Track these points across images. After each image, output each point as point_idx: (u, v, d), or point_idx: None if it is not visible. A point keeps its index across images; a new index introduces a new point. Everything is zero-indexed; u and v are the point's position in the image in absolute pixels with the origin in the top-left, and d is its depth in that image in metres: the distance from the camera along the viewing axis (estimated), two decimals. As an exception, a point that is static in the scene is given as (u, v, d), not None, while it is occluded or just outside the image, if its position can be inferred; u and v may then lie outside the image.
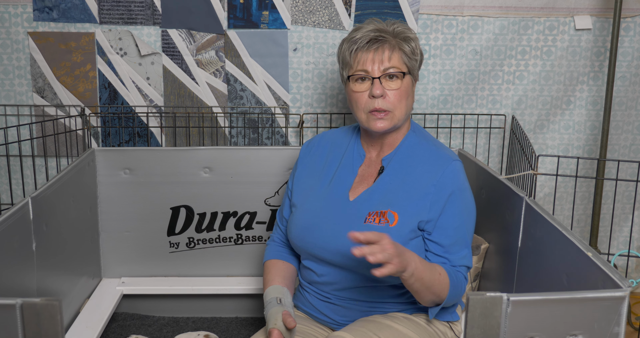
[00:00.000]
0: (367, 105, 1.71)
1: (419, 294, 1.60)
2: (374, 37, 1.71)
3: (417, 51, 1.76)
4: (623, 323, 1.08)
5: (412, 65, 1.74)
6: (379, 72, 1.70)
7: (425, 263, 1.58)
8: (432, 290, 1.60)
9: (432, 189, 1.68)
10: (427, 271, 1.57)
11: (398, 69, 1.70)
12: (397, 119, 1.72)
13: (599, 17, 2.56)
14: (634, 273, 2.80)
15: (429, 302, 1.64)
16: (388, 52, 1.71)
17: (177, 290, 2.37)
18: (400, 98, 1.71)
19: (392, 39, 1.72)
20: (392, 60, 1.70)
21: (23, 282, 1.71)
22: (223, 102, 2.60)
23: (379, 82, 1.69)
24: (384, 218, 1.67)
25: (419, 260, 1.55)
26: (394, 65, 1.70)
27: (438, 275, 1.60)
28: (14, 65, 2.55)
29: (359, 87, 1.72)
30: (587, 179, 2.67)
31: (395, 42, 1.72)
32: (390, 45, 1.72)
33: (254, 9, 2.52)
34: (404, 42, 1.73)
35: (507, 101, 2.63)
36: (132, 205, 2.34)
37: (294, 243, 1.80)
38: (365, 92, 1.71)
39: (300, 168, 1.90)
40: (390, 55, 1.71)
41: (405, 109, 1.73)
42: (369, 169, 1.79)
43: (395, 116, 1.72)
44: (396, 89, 1.70)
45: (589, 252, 1.33)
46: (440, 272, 1.62)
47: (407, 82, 1.73)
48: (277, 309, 1.67)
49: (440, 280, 1.60)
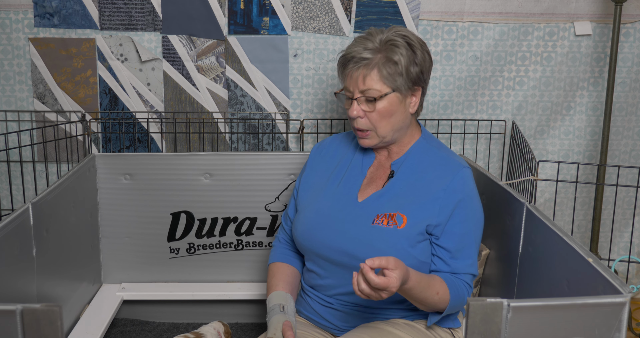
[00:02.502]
0: (351, 122, 1.75)
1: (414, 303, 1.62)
2: (358, 57, 1.68)
3: (403, 69, 1.67)
4: (624, 329, 1.08)
5: (396, 83, 1.68)
6: (358, 93, 1.69)
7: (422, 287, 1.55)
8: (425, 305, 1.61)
9: (441, 194, 1.68)
10: (419, 294, 1.55)
11: (377, 91, 1.67)
12: (382, 136, 1.73)
13: (599, 23, 2.56)
14: (635, 278, 2.80)
15: (423, 309, 1.65)
16: (364, 74, 1.67)
17: (177, 295, 2.36)
18: (380, 118, 1.70)
19: (376, 57, 1.67)
20: (367, 82, 1.67)
21: (23, 288, 1.71)
22: (223, 108, 2.60)
23: (356, 103, 1.69)
24: (392, 220, 1.67)
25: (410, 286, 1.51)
26: (371, 87, 1.67)
27: (435, 294, 1.59)
28: (14, 71, 2.56)
29: (347, 103, 1.74)
30: (587, 184, 2.67)
31: (377, 61, 1.67)
32: (369, 67, 1.67)
33: (254, 15, 2.52)
34: (387, 63, 1.67)
35: (508, 106, 2.63)
36: (132, 211, 2.34)
37: (299, 241, 1.81)
38: (348, 110, 1.73)
39: (309, 168, 1.91)
40: (366, 77, 1.67)
41: (389, 127, 1.71)
42: (378, 171, 1.80)
43: (379, 134, 1.72)
44: (372, 111, 1.69)
45: (589, 258, 1.33)
46: (439, 291, 1.60)
47: (390, 101, 1.68)
48: (279, 317, 1.67)
49: (436, 299, 1.60)
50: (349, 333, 1.67)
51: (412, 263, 1.63)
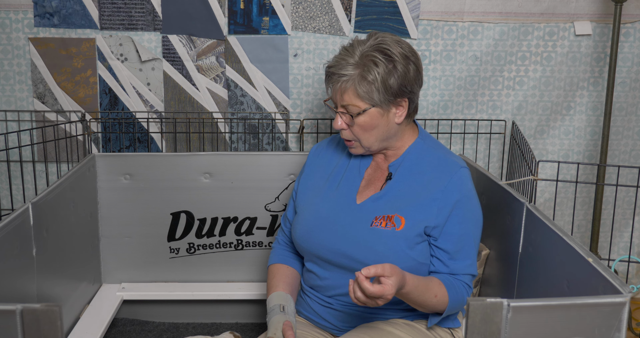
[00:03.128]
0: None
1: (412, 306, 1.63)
2: (336, 73, 1.66)
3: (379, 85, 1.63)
4: (623, 329, 1.08)
5: (374, 99, 1.64)
6: (340, 106, 1.69)
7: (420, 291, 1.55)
8: (424, 308, 1.62)
9: (439, 195, 1.68)
10: (417, 298, 1.55)
11: (354, 106, 1.66)
12: (367, 146, 1.73)
13: (599, 23, 2.56)
14: (635, 278, 2.80)
15: (422, 311, 1.65)
16: (342, 90, 1.66)
17: (177, 295, 2.36)
18: (363, 131, 1.69)
19: (354, 74, 1.64)
20: (345, 98, 1.66)
21: (23, 288, 1.71)
22: (223, 107, 2.60)
23: (339, 116, 1.70)
24: (390, 222, 1.67)
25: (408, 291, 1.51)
26: (349, 103, 1.66)
27: (433, 297, 1.59)
28: (14, 71, 2.56)
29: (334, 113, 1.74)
30: (587, 184, 2.67)
31: (354, 78, 1.64)
32: (345, 84, 1.65)
33: (254, 15, 2.52)
34: (361, 81, 1.64)
35: (507, 106, 2.63)
36: (132, 211, 2.34)
37: (297, 243, 1.81)
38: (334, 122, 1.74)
39: (307, 170, 1.91)
40: (344, 93, 1.66)
41: (373, 138, 1.71)
42: (376, 173, 1.79)
43: (363, 145, 1.72)
44: (353, 125, 1.69)
45: (589, 258, 1.33)
46: (437, 294, 1.60)
47: (370, 115, 1.66)
48: (279, 318, 1.67)
49: (434, 302, 1.60)
50: (348, 334, 1.67)
51: (411, 265, 1.63)
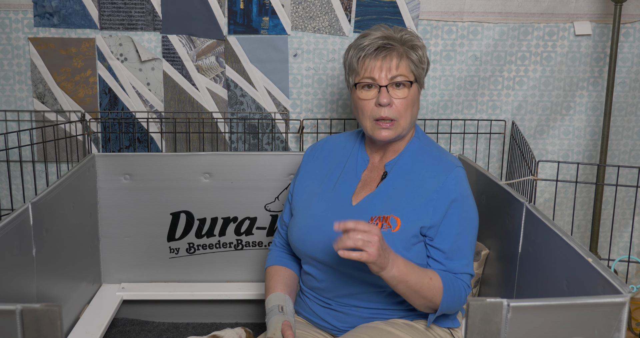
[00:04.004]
0: (373, 113, 1.70)
1: (408, 298, 1.61)
2: (382, 44, 1.70)
3: (424, 59, 1.75)
4: (623, 329, 1.08)
5: (419, 73, 1.73)
6: (387, 80, 1.68)
7: (412, 267, 1.58)
8: (421, 294, 1.59)
9: (434, 195, 1.67)
10: (414, 274, 1.56)
11: (406, 77, 1.69)
12: (402, 128, 1.72)
13: (599, 23, 2.56)
14: (634, 278, 2.80)
15: (421, 306, 1.64)
16: (396, 60, 1.69)
17: (177, 295, 2.36)
18: (407, 107, 1.70)
19: (400, 47, 1.71)
20: (399, 68, 1.69)
21: (23, 288, 1.71)
22: (223, 107, 2.61)
23: (386, 91, 1.68)
24: (386, 223, 1.67)
25: (404, 263, 1.55)
26: (402, 73, 1.69)
27: (428, 279, 1.59)
28: (14, 70, 2.56)
29: (366, 95, 1.71)
30: (587, 184, 2.67)
31: (403, 50, 1.70)
32: (398, 53, 1.70)
33: (254, 15, 2.52)
34: (411, 51, 1.72)
35: (507, 106, 2.63)
36: (132, 211, 2.34)
37: (294, 245, 1.80)
38: (371, 100, 1.70)
39: (303, 172, 1.90)
40: (399, 63, 1.69)
41: (410, 118, 1.72)
42: (372, 174, 1.79)
43: (400, 125, 1.71)
44: (403, 97, 1.69)
45: (589, 258, 1.33)
46: (432, 277, 1.61)
47: (414, 90, 1.72)
48: (278, 318, 1.67)
49: (430, 284, 1.59)
50: (348, 334, 1.67)
51: None
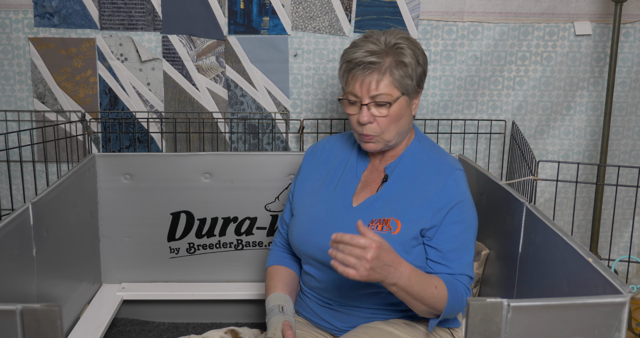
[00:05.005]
0: (356, 128, 1.71)
1: (409, 304, 1.58)
2: (367, 61, 1.65)
3: (412, 71, 1.67)
4: (623, 329, 1.08)
5: (406, 86, 1.67)
6: (368, 98, 1.66)
7: (418, 277, 1.54)
8: (424, 303, 1.57)
9: (434, 198, 1.67)
10: (418, 285, 1.53)
11: (388, 95, 1.65)
12: (387, 141, 1.71)
13: (599, 23, 2.56)
14: (635, 278, 2.80)
15: (423, 312, 1.61)
16: (377, 78, 1.65)
17: (177, 295, 2.36)
18: (390, 123, 1.68)
19: (385, 61, 1.65)
20: (380, 87, 1.65)
21: (23, 288, 1.71)
22: (223, 107, 2.61)
23: (366, 109, 1.66)
24: (386, 225, 1.66)
25: (410, 274, 1.51)
26: (383, 92, 1.65)
27: (433, 288, 1.57)
28: (14, 71, 2.56)
29: (350, 110, 1.70)
30: (587, 184, 2.67)
31: (388, 65, 1.65)
32: (381, 71, 1.65)
33: (254, 15, 2.52)
34: (397, 66, 1.66)
35: (507, 106, 2.63)
36: (132, 211, 2.34)
37: (294, 245, 1.80)
38: (355, 115, 1.69)
39: (303, 172, 1.90)
40: (379, 82, 1.65)
41: (396, 131, 1.70)
42: (372, 175, 1.79)
43: (384, 139, 1.70)
44: (384, 116, 1.67)
45: (589, 258, 1.33)
46: (437, 285, 1.58)
47: (400, 105, 1.67)
48: (278, 318, 1.67)
49: (434, 293, 1.57)
50: (348, 334, 1.67)
51: None
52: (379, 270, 1.44)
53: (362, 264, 1.41)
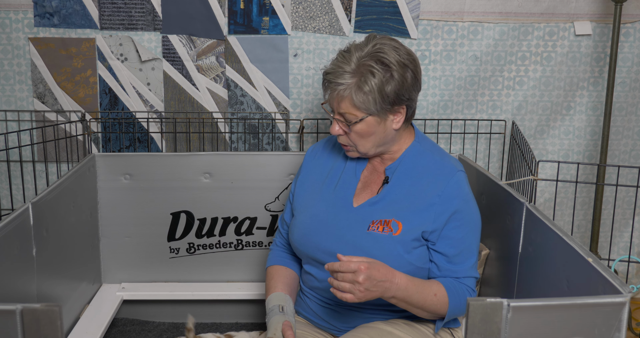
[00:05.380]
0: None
1: (411, 311, 1.62)
2: (333, 82, 1.64)
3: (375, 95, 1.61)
4: (623, 329, 1.08)
5: (370, 109, 1.63)
6: (336, 113, 1.68)
7: (416, 286, 1.57)
8: (426, 310, 1.61)
9: (436, 200, 1.67)
10: (416, 295, 1.56)
11: (353, 115, 1.64)
12: (363, 152, 1.72)
13: (599, 23, 2.56)
14: (635, 278, 2.80)
15: (427, 316, 1.65)
16: (337, 99, 1.65)
17: (177, 295, 2.36)
18: (359, 138, 1.68)
19: (350, 83, 1.62)
20: (342, 107, 1.65)
21: (23, 288, 1.71)
22: (223, 107, 2.61)
23: (336, 122, 1.69)
24: (387, 226, 1.66)
25: (406, 285, 1.54)
26: (345, 111, 1.65)
27: (432, 295, 1.59)
28: (14, 70, 2.56)
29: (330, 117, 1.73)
30: (587, 184, 2.67)
31: (351, 87, 1.62)
32: (342, 94, 1.63)
33: (254, 15, 2.52)
34: (357, 91, 1.62)
35: (507, 106, 2.63)
36: (132, 211, 2.34)
37: (295, 246, 1.81)
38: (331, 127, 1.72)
39: (304, 172, 1.90)
40: (340, 103, 1.65)
41: (370, 144, 1.69)
42: (372, 176, 1.79)
43: (360, 150, 1.72)
44: (353, 131, 1.67)
45: (589, 258, 1.33)
46: (436, 292, 1.60)
47: (367, 123, 1.65)
48: (278, 318, 1.67)
49: (434, 300, 1.60)
50: (348, 334, 1.67)
51: (409, 270, 1.63)
52: (374, 288, 1.48)
53: (356, 288, 1.46)
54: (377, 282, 1.48)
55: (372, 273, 1.47)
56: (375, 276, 1.47)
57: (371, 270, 1.47)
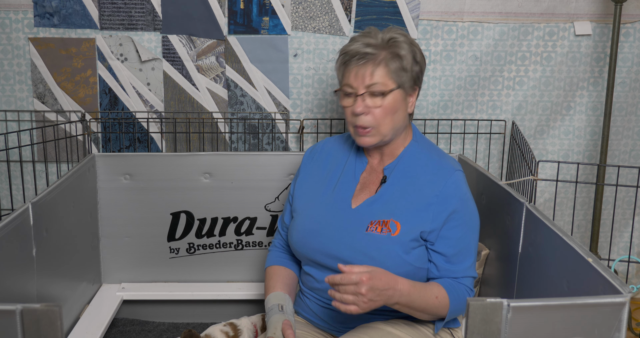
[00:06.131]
0: (352, 120, 1.71)
1: (413, 315, 1.62)
2: (363, 52, 1.66)
3: (408, 65, 1.68)
4: (623, 329, 1.08)
5: (401, 79, 1.68)
6: (363, 88, 1.66)
7: (418, 289, 1.57)
8: (428, 312, 1.61)
9: (434, 200, 1.67)
10: (418, 300, 1.56)
11: (383, 85, 1.66)
12: (383, 134, 1.70)
13: (599, 23, 2.56)
14: (635, 278, 2.80)
15: (427, 318, 1.66)
16: (371, 68, 1.66)
17: (177, 295, 2.36)
18: (385, 115, 1.67)
19: (381, 53, 1.67)
20: (375, 76, 1.65)
21: (23, 288, 1.71)
22: (223, 107, 2.61)
23: (361, 100, 1.67)
24: (386, 227, 1.66)
25: (409, 291, 1.54)
26: (378, 81, 1.65)
27: (434, 298, 1.60)
28: (14, 71, 2.56)
29: (346, 102, 1.71)
30: (587, 184, 2.67)
31: (383, 57, 1.67)
32: (375, 62, 1.66)
33: (254, 15, 2.52)
34: (393, 58, 1.67)
35: (507, 106, 2.63)
36: (132, 211, 2.34)
37: (294, 248, 1.80)
38: (350, 107, 1.69)
39: (302, 173, 1.90)
40: (374, 71, 1.66)
41: (391, 124, 1.69)
42: (370, 176, 1.79)
43: (380, 132, 1.70)
44: (379, 106, 1.66)
45: (589, 258, 1.33)
46: (437, 295, 1.61)
47: (395, 97, 1.67)
48: (278, 317, 1.67)
49: (435, 303, 1.60)
50: (348, 334, 1.67)
51: (408, 270, 1.63)
52: (378, 298, 1.48)
53: (359, 299, 1.45)
54: (380, 291, 1.47)
55: (375, 283, 1.45)
56: (377, 286, 1.46)
57: (373, 281, 1.45)
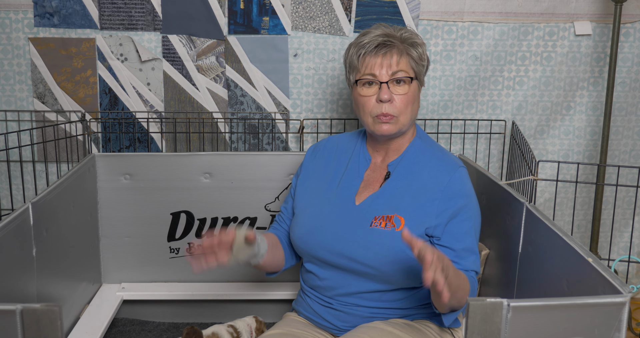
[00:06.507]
0: (373, 109, 1.72)
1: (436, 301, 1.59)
2: (382, 41, 1.72)
3: (424, 56, 1.77)
4: (623, 329, 1.08)
5: (419, 70, 1.75)
6: (387, 76, 1.70)
7: (455, 269, 1.53)
8: (456, 295, 1.54)
9: (439, 195, 1.68)
10: (456, 277, 1.52)
11: (406, 73, 1.71)
12: (402, 124, 1.73)
13: (599, 23, 2.56)
14: (635, 278, 2.80)
15: (447, 307, 1.60)
16: (396, 56, 1.71)
17: (177, 295, 2.36)
18: (407, 103, 1.72)
19: (400, 44, 1.73)
20: (400, 64, 1.71)
21: (23, 288, 1.71)
22: (223, 107, 2.61)
23: (386, 87, 1.70)
24: (390, 222, 1.67)
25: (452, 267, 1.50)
26: (402, 69, 1.71)
27: (463, 279, 1.59)
28: (14, 70, 2.56)
29: (367, 92, 1.72)
30: (587, 184, 2.67)
31: (403, 47, 1.73)
32: (398, 50, 1.72)
33: (254, 15, 2.52)
34: (411, 48, 1.74)
35: (507, 106, 2.63)
36: (132, 211, 2.34)
37: (297, 244, 1.81)
38: (372, 97, 1.72)
39: (305, 171, 1.91)
40: (399, 59, 1.71)
41: (410, 114, 1.74)
42: (374, 174, 1.79)
43: (400, 121, 1.72)
44: (404, 94, 1.71)
45: (589, 258, 1.33)
46: (464, 278, 1.61)
47: (414, 87, 1.74)
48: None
49: (464, 286, 1.59)
50: (348, 333, 1.67)
51: (412, 265, 1.63)
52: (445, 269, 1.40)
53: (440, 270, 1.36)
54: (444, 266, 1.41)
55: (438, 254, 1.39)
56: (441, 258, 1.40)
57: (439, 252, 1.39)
